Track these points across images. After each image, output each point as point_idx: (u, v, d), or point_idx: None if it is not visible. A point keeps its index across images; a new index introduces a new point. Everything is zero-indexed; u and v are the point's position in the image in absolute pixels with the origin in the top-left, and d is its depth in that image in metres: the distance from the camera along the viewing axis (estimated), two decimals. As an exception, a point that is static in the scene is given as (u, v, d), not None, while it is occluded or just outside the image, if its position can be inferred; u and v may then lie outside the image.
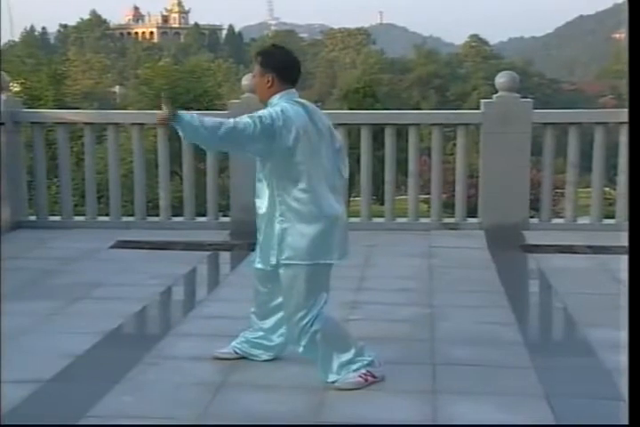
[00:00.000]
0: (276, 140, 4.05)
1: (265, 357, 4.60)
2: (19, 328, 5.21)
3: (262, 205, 4.30)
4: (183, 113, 4.06)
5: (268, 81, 4.19)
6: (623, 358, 4.35)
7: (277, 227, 4.19)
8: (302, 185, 4.13)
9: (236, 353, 4.64)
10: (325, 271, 4.27)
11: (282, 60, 4.24)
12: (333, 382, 4.24)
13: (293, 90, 4.24)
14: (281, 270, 4.24)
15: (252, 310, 4.61)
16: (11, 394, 4.11)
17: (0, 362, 4.47)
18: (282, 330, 4.48)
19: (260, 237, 4.35)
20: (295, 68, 4.28)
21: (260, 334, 4.59)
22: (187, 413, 3.94)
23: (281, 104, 4.14)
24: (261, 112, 4.11)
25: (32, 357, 4.72)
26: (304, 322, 4.20)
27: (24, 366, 4.55)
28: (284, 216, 4.18)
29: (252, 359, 4.60)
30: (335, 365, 4.26)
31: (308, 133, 4.13)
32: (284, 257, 4.20)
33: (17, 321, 5.35)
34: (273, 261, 4.24)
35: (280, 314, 4.42)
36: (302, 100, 4.25)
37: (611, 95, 76.79)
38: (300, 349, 4.29)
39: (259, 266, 4.41)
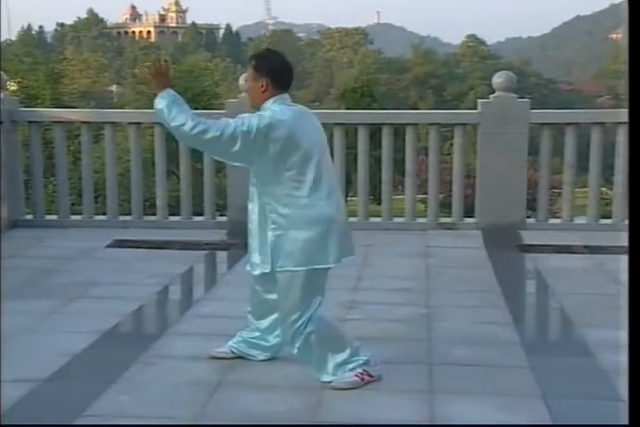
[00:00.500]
0: (256, 146, 4.02)
1: (262, 357, 4.60)
2: (16, 327, 5.21)
3: (254, 209, 4.30)
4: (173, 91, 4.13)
5: (262, 85, 4.16)
6: (620, 359, 4.36)
7: (270, 234, 4.18)
8: (293, 191, 4.10)
9: (233, 353, 4.64)
10: (322, 275, 4.25)
11: (276, 65, 4.22)
12: (329, 382, 4.24)
13: (286, 94, 4.22)
14: (277, 274, 4.24)
15: (249, 309, 4.60)
16: (9, 393, 4.11)
17: (-3, 361, 4.48)
18: (278, 331, 4.47)
19: (254, 242, 4.32)
20: (289, 72, 4.26)
21: (257, 334, 4.59)
22: (184, 412, 3.94)
23: (272, 108, 4.12)
24: (245, 116, 4.08)
25: (30, 356, 4.72)
26: (298, 324, 4.19)
27: (22, 365, 4.54)
28: (276, 223, 4.16)
29: (249, 359, 4.60)
30: (330, 365, 4.26)
31: (299, 137, 4.09)
32: (279, 264, 4.18)
33: (15, 320, 5.35)
34: (267, 268, 4.23)
35: (276, 314, 4.42)
36: (295, 105, 4.25)
37: (608, 95, 76.86)
38: (295, 350, 4.29)
39: (249, 269, 4.42)
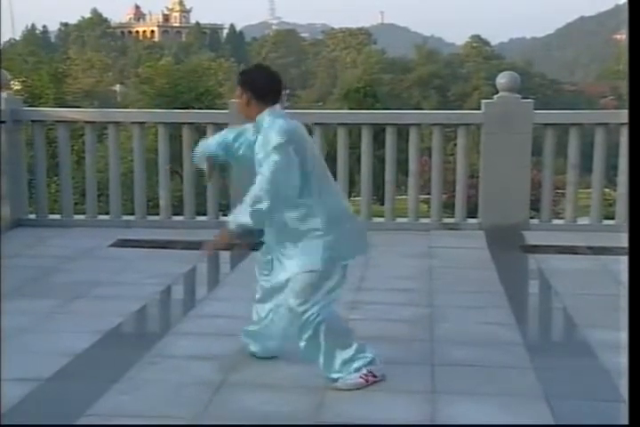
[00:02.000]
0: (297, 163, 4.11)
1: (262, 354, 4.61)
2: (18, 327, 5.21)
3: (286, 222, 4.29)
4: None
5: (246, 99, 4.25)
6: (623, 360, 4.35)
7: (320, 240, 4.19)
8: (326, 191, 4.24)
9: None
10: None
11: (256, 79, 4.29)
12: (335, 380, 4.24)
13: (277, 106, 4.28)
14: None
15: (257, 296, 4.57)
16: (10, 393, 4.11)
17: (0, 361, 4.48)
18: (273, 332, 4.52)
19: (286, 250, 4.33)
20: (271, 84, 4.31)
21: (257, 328, 4.61)
22: (186, 412, 3.94)
23: (277, 122, 4.15)
24: (270, 141, 4.11)
25: (31, 355, 4.72)
26: (309, 313, 4.18)
27: (23, 364, 4.54)
28: (322, 227, 4.19)
29: (252, 358, 4.60)
30: (338, 362, 4.26)
31: (307, 141, 4.28)
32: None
33: (16, 320, 5.35)
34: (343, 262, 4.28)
35: (270, 315, 4.46)
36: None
37: (611, 96, 76.86)
38: (302, 343, 4.26)
39: (269, 279, 4.47)
